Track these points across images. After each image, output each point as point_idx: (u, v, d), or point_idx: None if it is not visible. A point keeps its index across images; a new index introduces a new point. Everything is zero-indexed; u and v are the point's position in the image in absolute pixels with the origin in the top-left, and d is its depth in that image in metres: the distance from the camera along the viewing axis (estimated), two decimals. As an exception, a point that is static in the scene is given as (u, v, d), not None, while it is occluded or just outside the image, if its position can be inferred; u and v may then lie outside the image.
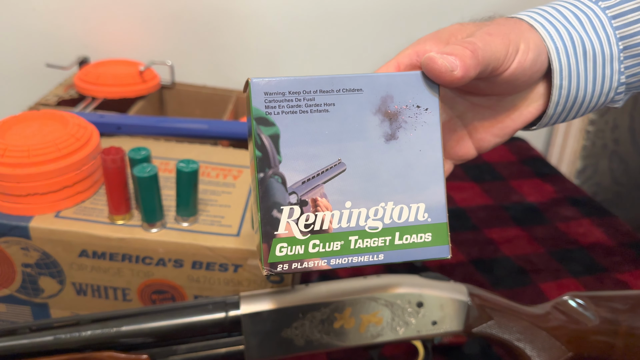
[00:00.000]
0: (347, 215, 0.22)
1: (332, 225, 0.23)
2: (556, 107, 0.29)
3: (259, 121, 0.22)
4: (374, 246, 0.23)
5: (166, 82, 0.60)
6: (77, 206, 0.39)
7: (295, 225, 0.22)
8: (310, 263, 0.22)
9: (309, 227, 0.22)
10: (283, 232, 0.22)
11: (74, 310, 0.40)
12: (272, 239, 0.22)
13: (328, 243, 0.22)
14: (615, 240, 0.59)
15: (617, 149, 0.87)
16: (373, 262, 0.23)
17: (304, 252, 0.22)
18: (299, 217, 0.22)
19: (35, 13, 0.61)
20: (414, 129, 0.23)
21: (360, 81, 0.23)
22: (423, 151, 0.23)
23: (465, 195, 0.66)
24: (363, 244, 0.23)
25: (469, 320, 0.36)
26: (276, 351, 0.34)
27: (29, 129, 0.40)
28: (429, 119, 0.23)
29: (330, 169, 0.23)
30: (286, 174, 0.22)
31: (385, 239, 0.23)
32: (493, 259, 0.55)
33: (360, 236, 0.23)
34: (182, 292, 0.39)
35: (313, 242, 0.22)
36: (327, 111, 0.22)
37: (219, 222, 0.38)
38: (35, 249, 0.37)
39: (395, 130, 0.23)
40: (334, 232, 0.22)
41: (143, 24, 0.64)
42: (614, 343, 0.38)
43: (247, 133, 0.23)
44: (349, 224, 0.23)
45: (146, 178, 0.35)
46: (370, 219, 0.23)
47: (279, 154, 0.22)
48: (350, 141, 0.23)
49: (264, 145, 0.22)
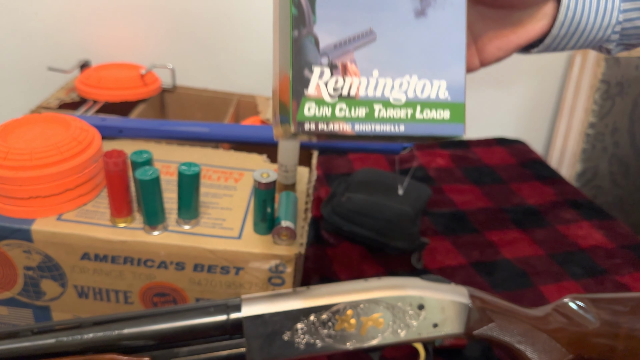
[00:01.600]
0: (373, 84, 0.23)
1: (360, 92, 0.23)
2: (560, 28, 0.31)
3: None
4: (396, 117, 0.24)
5: (167, 85, 0.60)
6: (79, 209, 0.39)
7: (324, 87, 0.23)
8: (335, 126, 0.23)
9: (338, 91, 0.23)
10: (313, 92, 0.23)
11: (75, 313, 0.40)
12: (301, 96, 0.23)
13: (354, 108, 0.23)
14: (615, 243, 0.60)
15: (617, 152, 0.88)
16: (394, 133, 0.24)
17: (331, 115, 0.23)
18: (329, 79, 0.23)
19: (37, 17, 0.61)
20: (442, 9, 0.24)
21: None
22: (449, 31, 0.24)
23: (465, 198, 0.66)
24: (386, 113, 0.24)
25: (470, 322, 0.36)
26: (278, 354, 0.34)
27: (31, 132, 0.40)
28: (456, 1, 0.24)
29: (362, 37, 0.23)
30: (320, 35, 0.23)
31: (407, 112, 0.24)
32: (493, 261, 0.55)
33: (384, 105, 0.24)
34: (183, 294, 0.39)
35: (340, 106, 0.23)
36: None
37: (221, 224, 0.38)
38: (38, 251, 0.37)
39: (425, 7, 0.24)
40: (360, 98, 0.23)
41: (144, 28, 0.65)
42: (614, 345, 0.38)
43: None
44: (375, 92, 0.24)
45: (148, 181, 0.35)
46: (395, 90, 0.24)
47: (314, 14, 0.23)
48: (382, 12, 0.23)
49: (301, 3, 0.22)
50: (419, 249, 0.55)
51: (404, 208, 0.55)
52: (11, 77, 0.64)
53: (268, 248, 0.37)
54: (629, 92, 0.84)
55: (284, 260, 0.37)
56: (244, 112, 0.60)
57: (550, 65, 0.86)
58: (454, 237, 0.59)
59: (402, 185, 0.58)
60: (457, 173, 0.72)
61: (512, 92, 0.87)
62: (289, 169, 0.42)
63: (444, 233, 0.59)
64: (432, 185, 0.68)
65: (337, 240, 0.57)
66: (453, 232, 0.59)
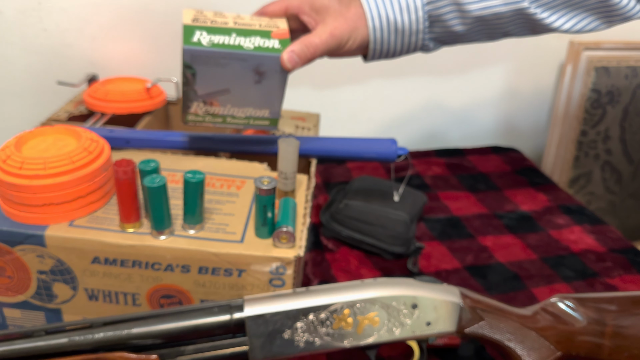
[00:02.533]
0: (227, 109, 0.46)
1: (219, 112, 0.46)
2: (372, 57, 0.49)
3: (186, 66, 0.43)
4: (239, 122, 0.47)
5: (172, 98, 0.63)
6: (90, 215, 0.41)
7: (199, 109, 0.45)
8: (203, 123, 0.46)
9: (206, 111, 0.45)
10: (193, 111, 0.45)
11: (85, 315, 0.42)
12: (187, 112, 0.45)
13: (215, 117, 0.46)
14: (606, 247, 0.61)
15: (609, 159, 0.90)
16: (237, 127, 0.47)
17: (202, 120, 0.46)
18: (202, 106, 0.45)
19: (46, 33, 0.64)
20: (272, 79, 0.44)
21: (247, 55, 0.42)
22: (274, 88, 0.45)
23: (460, 204, 0.68)
24: (234, 121, 0.47)
25: (462, 321, 0.38)
26: (278, 351, 0.35)
27: (44, 143, 0.42)
28: (280, 76, 0.44)
29: (222, 91, 0.44)
30: (198, 90, 0.44)
31: (246, 121, 0.47)
32: (487, 265, 0.57)
33: (232, 118, 0.46)
34: (188, 296, 0.40)
35: (207, 117, 0.46)
36: (225, 66, 0.43)
37: (224, 229, 0.40)
38: (50, 256, 0.39)
39: (261, 79, 0.44)
40: (219, 114, 0.46)
41: (150, 43, 0.67)
42: (601, 343, 0.39)
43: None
44: (227, 112, 0.46)
45: (156, 188, 0.37)
46: (240, 112, 0.46)
47: (195, 82, 0.43)
48: (236, 80, 0.44)
49: (187, 76, 0.43)
50: (415, 254, 0.57)
51: (399, 214, 0.56)
52: (22, 91, 0.66)
53: (269, 251, 0.39)
54: (619, 101, 0.86)
55: (284, 263, 0.38)
56: (246, 123, 0.62)
57: (542, 76, 0.89)
58: (449, 242, 0.60)
59: (398, 192, 0.60)
60: (453, 180, 0.74)
61: (506, 101, 0.89)
62: (289, 176, 0.44)
63: (439, 238, 0.61)
64: (428, 192, 0.70)
65: (335, 246, 0.58)
66: (448, 238, 0.61)
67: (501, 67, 0.85)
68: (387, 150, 0.50)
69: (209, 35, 0.42)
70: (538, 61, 0.87)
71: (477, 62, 0.84)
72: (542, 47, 0.85)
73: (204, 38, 0.42)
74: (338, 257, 0.57)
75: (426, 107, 0.85)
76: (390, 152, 0.50)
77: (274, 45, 0.43)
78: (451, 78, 0.84)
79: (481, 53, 0.83)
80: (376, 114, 0.83)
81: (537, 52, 0.86)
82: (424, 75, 0.82)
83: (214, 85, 0.43)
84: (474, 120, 0.89)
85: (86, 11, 0.63)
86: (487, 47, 0.83)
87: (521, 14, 0.45)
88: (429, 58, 0.80)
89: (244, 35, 0.43)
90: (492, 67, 0.85)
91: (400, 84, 0.82)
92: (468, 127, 0.89)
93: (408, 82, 0.82)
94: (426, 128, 0.87)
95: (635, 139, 0.90)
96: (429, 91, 0.84)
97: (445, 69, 0.82)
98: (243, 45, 0.42)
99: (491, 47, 0.83)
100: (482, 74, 0.85)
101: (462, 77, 0.84)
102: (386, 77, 0.80)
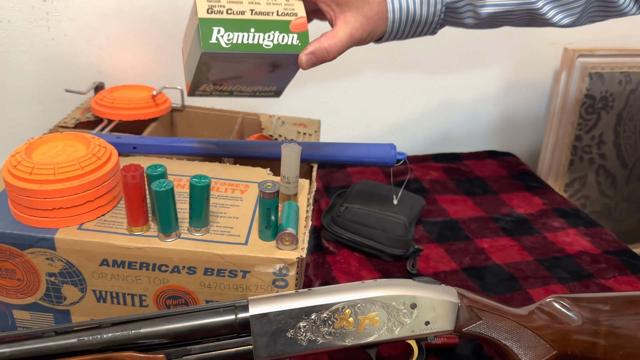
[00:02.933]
0: (236, 87, 0.47)
1: (227, 89, 0.48)
2: (377, 43, 0.48)
3: (202, 62, 0.43)
4: (244, 93, 0.49)
5: (177, 105, 0.64)
6: (98, 219, 0.42)
7: (208, 87, 0.47)
8: (210, 96, 0.48)
9: (215, 88, 0.47)
10: (202, 89, 0.47)
11: (93, 316, 0.43)
12: (196, 89, 0.46)
13: (222, 92, 0.48)
14: (600, 249, 0.63)
15: (604, 163, 0.91)
16: (243, 96, 0.50)
17: (210, 95, 0.48)
18: (211, 86, 0.46)
19: (54, 43, 0.65)
20: (285, 69, 0.45)
21: (265, 54, 0.43)
22: (285, 75, 0.46)
23: (457, 208, 0.70)
24: (240, 95, 0.49)
25: (460, 320, 0.39)
26: (282, 350, 0.36)
27: (54, 149, 0.43)
28: (293, 67, 0.45)
29: (235, 77, 0.45)
30: (210, 77, 0.45)
31: (254, 93, 0.49)
32: (484, 266, 0.58)
33: (239, 92, 0.48)
34: (194, 297, 0.42)
35: (217, 92, 0.48)
36: (242, 62, 0.43)
37: (229, 232, 0.42)
38: (60, 259, 0.40)
39: (275, 69, 0.45)
40: (225, 90, 0.48)
41: (155, 52, 0.69)
42: (596, 342, 0.40)
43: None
44: (234, 89, 0.48)
45: (163, 192, 0.38)
46: (247, 89, 0.48)
47: (209, 71, 0.44)
48: (251, 70, 0.44)
49: (202, 70, 0.43)
50: (414, 256, 0.58)
51: (398, 217, 0.58)
52: (30, 99, 0.67)
53: (272, 253, 0.40)
54: (613, 106, 0.88)
55: (287, 264, 0.40)
56: (249, 129, 0.64)
57: (537, 82, 0.90)
58: (447, 245, 0.62)
59: (397, 196, 0.61)
60: (450, 184, 0.76)
61: (502, 107, 0.91)
62: (291, 180, 0.45)
63: (437, 241, 0.62)
64: (426, 196, 0.71)
65: (336, 249, 0.60)
66: (446, 240, 0.62)
67: (497, 74, 0.87)
68: (387, 155, 0.52)
69: (227, 33, 0.41)
70: (533, 68, 0.88)
71: (473, 70, 0.85)
72: (537, 55, 0.87)
73: (222, 37, 0.41)
74: (339, 259, 0.58)
75: (424, 113, 0.86)
76: (390, 156, 0.52)
77: (292, 42, 0.42)
78: (447, 86, 0.85)
79: (478, 60, 0.85)
80: (375, 120, 0.84)
81: (533, 60, 0.88)
82: (421, 84, 0.84)
83: (227, 74, 0.44)
84: (471, 126, 0.91)
85: (93, 21, 0.65)
86: (484, 55, 0.84)
87: (529, 10, 0.46)
88: (428, 67, 0.82)
89: (262, 30, 0.42)
90: (489, 75, 0.87)
91: (398, 91, 0.83)
92: (465, 132, 0.91)
93: (406, 90, 0.84)
94: (424, 133, 0.88)
95: (629, 144, 0.91)
96: (427, 98, 0.85)
97: (442, 78, 0.84)
98: (262, 44, 0.41)
99: (488, 55, 0.85)
100: (479, 81, 0.87)
101: (459, 85, 0.86)
102: (385, 85, 0.82)
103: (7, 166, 0.41)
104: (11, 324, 0.44)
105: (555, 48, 0.87)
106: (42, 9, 0.63)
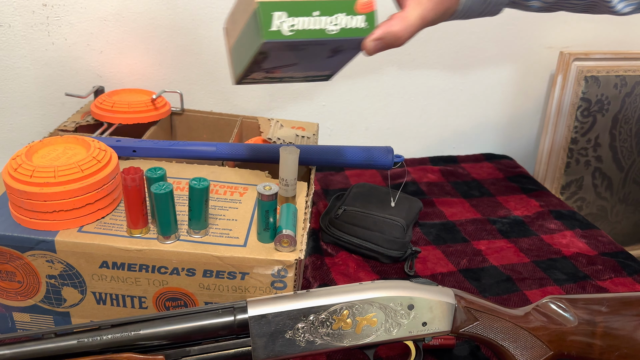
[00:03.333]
0: (287, 74, 0.44)
1: (277, 75, 0.44)
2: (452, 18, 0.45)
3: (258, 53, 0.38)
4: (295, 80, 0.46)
5: (176, 108, 0.64)
6: (98, 221, 0.42)
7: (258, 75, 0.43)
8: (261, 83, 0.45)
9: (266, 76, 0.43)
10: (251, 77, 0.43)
11: (93, 318, 0.43)
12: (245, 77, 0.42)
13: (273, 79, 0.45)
14: (596, 250, 0.63)
15: (600, 166, 0.92)
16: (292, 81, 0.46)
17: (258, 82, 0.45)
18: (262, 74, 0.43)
19: (54, 47, 0.66)
20: (343, 55, 0.42)
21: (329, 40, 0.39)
22: (341, 60, 0.43)
23: (455, 210, 0.70)
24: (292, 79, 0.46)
25: (457, 321, 0.39)
26: (280, 351, 0.36)
27: (54, 152, 0.44)
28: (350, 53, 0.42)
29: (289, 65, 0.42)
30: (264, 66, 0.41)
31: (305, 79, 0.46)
32: (481, 268, 0.59)
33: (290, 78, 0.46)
34: (194, 299, 0.42)
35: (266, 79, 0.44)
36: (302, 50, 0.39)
37: (227, 234, 0.42)
38: (60, 261, 0.41)
39: (334, 54, 0.41)
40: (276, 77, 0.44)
41: (154, 56, 0.69)
42: (592, 342, 0.40)
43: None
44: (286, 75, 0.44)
45: (163, 194, 0.38)
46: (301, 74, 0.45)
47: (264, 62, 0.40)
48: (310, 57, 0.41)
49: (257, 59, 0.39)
50: (411, 258, 0.58)
51: (396, 219, 0.58)
52: (31, 102, 0.68)
53: (271, 254, 0.40)
54: (609, 109, 0.89)
55: (286, 266, 0.40)
56: (247, 132, 0.64)
57: (533, 85, 0.91)
58: (444, 247, 0.62)
59: (395, 198, 0.62)
60: (447, 187, 0.76)
61: (498, 110, 0.92)
62: (289, 183, 0.46)
63: (434, 243, 0.63)
64: (423, 199, 0.72)
65: (335, 251, 0.60)
66: (443, 242, 0.63)
67: (494, 78, 0.88)
68: (384, 158, 0.52)
69: (289, 19, 0.36)
70: (530, 71, 0.89)
71: (470, 73, 0.86)
72: (533, 58, 0.88)
73: (284, 24, 0.36)
74: (337, 261, 0.58)
75: (421, 117, 0.87)
76: (387, 159, 0.52)
77: (358, 25, 0.38)
78: (444, 89, 0.86)
79: (475, 64, 0.85)
80: (373, 123, 0.85)
81: (529, 63, 0.88)
82: (418, 87, 0.84)
83: (283, 62, 0.40)
84: (468, 129, 0.91)
85: (93, 25, 0.65)
86: (481, 59, 0.85)
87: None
88: (424, 69, 0.83)
89: (327, 12, 0.37)
90: (485, 78, 0.87)
91: (396, 95, 0.84)
92: (461, 135, 0.91)
93: (403, 94, 0.84)
94: (422, 136, 0.89)
95: (624, 146, 0.92)
96: (424, 102, 0.86)
97: (439, 81, 0.85)
98: (326, 29, 0.37)
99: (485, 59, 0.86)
100: (476, 85, 0.87)
101: (456, 89, 0.86)
102: (382, 89, 0.83)
103: (8, 169, 0.41)
104: (11, 326, 0.44)
105: (551, 52, 0.88)
106: (43, 14, 0.63)
